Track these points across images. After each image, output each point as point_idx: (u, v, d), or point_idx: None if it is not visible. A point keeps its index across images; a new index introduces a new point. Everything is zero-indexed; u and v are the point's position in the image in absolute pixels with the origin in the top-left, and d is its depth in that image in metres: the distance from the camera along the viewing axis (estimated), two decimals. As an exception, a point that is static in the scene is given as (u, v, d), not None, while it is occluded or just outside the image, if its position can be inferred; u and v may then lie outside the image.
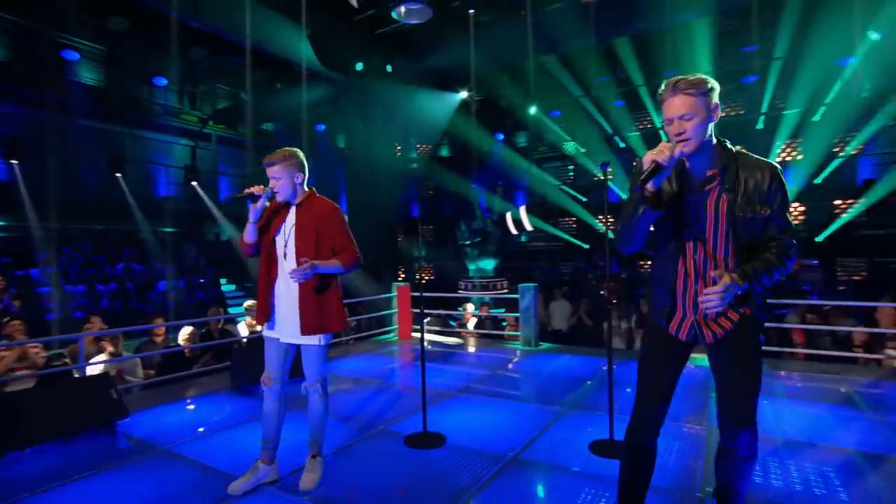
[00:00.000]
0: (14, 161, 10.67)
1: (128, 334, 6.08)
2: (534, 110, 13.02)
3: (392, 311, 7.41)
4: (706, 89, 1.65)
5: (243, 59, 11.37)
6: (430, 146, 16.10)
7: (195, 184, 13.70)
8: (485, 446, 3.10)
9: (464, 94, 12.49)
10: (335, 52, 8.94)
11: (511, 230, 15.86)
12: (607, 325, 3.22)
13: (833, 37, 8.91)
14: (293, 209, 2.60)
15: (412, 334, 7.27)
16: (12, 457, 3.08)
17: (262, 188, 2.54)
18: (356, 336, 7.30)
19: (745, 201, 1.68)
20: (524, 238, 16.22)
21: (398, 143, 13.42)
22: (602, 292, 10.76)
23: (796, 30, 9.45)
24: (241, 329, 6.32)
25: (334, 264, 2.50)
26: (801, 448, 2.95)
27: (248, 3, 7.89)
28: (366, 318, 7.71)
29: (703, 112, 1.65)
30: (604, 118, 13.67)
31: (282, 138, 15.57)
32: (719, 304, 1.62)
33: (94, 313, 6.53)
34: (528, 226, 15.40)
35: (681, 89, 1.65)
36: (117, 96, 12.85)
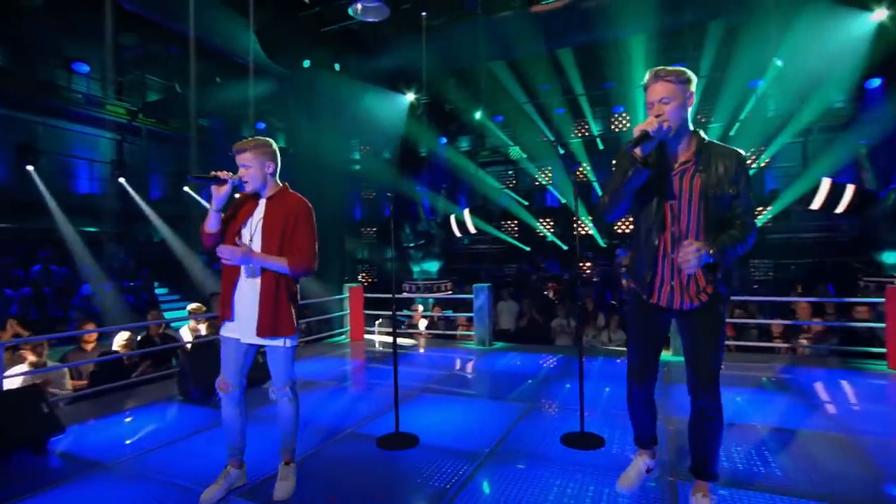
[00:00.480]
0: None
1: (51, 342, 5.47)
2: (479, 115, 13.20)
3: (343, 312, 7.21)
4: (684, 78, 1.89)
5: (178, 49, 10.68)
6: (374, 147, 15.87)
7: (123, 180, 12.62)
8: (458, 444, 3.07)
9: (410, 96, 12.42)
10: (282, 48, 8.57)
11: (455, 232, 15.99)
12: (577, 325, 3.29)
13: (747, 60, 9.73)
14: (263, 202, 2.43)
15: (364, 336, 7.12)
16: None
17: (230, 174, 2.37)
18: (306, 339, 7.03)
19: (716, 181, 1.92)
20: (466, 241, 16.39)
21: (344, 143, 13.10)
22: (546, 292, 11.10)
23: (718, 51, 10.26)
24: (185, 334, 5.88)
25: (278, 262, 2.32)
26: (735, 429, 3.15)
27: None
28: (315, 320, 7.45)
29: (679, 97, 1.89)
30: (546, 125, 14.12)
31: (218, 135, 14.74)
32: (694, 263, 1.84)
33: (10, 317, 5.83)
34: (471, 228, 15.58)
35: (661, 77, 1.89)
36: (27, 80, 11.55)
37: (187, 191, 13.50)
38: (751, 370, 4.70)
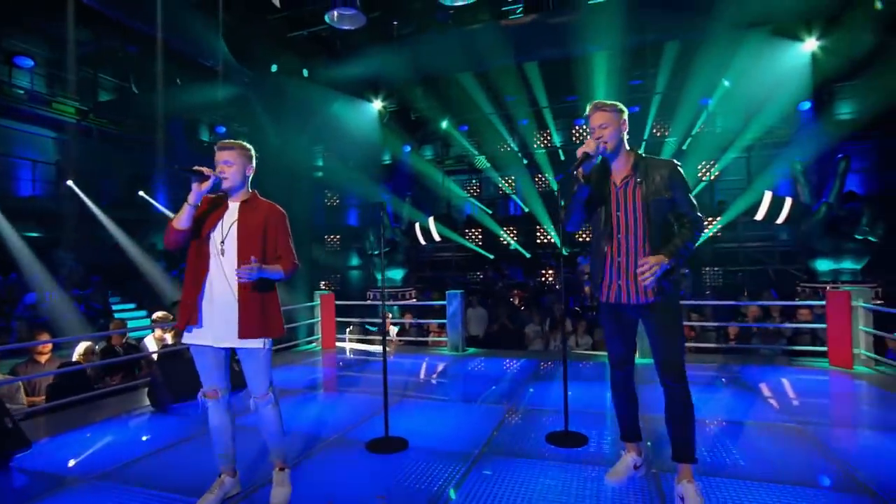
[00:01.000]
0: None
1: None
2: (445, 124, 13.37)
3: (314, 320, 7.12)
4: (617, 109, 2.29)
5: (136, 47, 10.28)
6: (339, 154, 15.74)
7: (71, 183, 11.94)
8: (448, 446, 3.13)
9: (377, 104, 12.45)
10: (250, 51, 8.42)
11: (420, 240, 16.04)
12: (561, 332, 3.44)
13: (699, 79, 10.39)
14: (235, 206, 2.40)
15: (336, 343, 7.06)
16: None
17: (212, 171, 2.33)
18: (275, 347, 6.88)
19: (654, 189, 2.25)
20: (429, 248, 16.47)
21: (308, 149, 12.95)
22: (511, 299, 11.32)
23: (672, 70, 10.90)
24: (149, 343, 5.65)
25: (277, 270, 2.35)
26: (699, 424, 3.38)
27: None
28: (286, 328, 7.31)
29: (615, 123, 2.27)
30: (510, 135, 14.48)
31: (177, 138, 14.20)
32: (651, 279, 2.15)
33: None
34: (436, 236, 15.69)
35: (599, 108, 2.30)
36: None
37: (142, 195, 12.93)
38: (708, 370, 5.01)
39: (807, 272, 11.15)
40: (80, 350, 5.09)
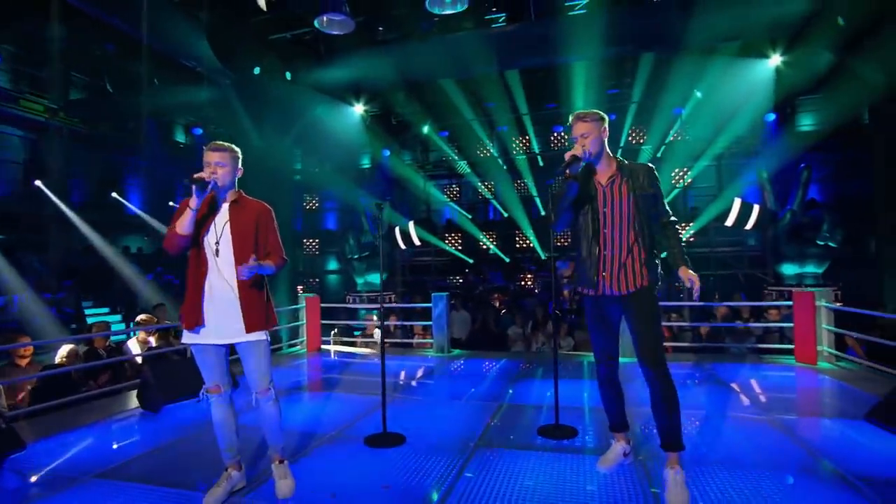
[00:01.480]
0: None
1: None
2: (426, 128, 13.52)
3: (300, 322, 7.15)
4: (597, 118, 2.49)
5: (113, 46, 10.11)
6: (319, 157, 15.73)
7: (40, 183, 11.60)
8: (444, 441, 3.26)
9: (359, 108, 12.52)
10: (233, 53, 8.40)
11: (400, 244, 16.12)
12: (553, 333, 3.61)
13: (673, 89, 10.85)
14: (225, 206, 2.49)
15: (321, 346, 7.10)
16: None
17: (207, 175, 2.38)
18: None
19: (639, 185, 2.50)
20: (408, 252, 16.55)
21: (289, 153, 12.92)
22: (493, 302, 11.51)
23: (648, 81, 11.34)
24: (133, 346, 5.60)
25: (270, 265, 2.45)
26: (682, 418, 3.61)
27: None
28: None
29: (595, 132, 2.47)
30: (490, 141, 14.74)
31: (152, 140, 13.94)
32: (698, 285, 2.44)
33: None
34: (416, 240, 15.80)
35: (581, 118, 2.49)
36: None
37: (115, 196, 12.67)
38: (684, 367, 5.28)
39: (773, 276, 11.73)
40: (62, 353, 5.01)
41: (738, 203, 12.11)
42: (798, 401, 4.28)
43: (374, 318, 8.68)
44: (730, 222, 12.12)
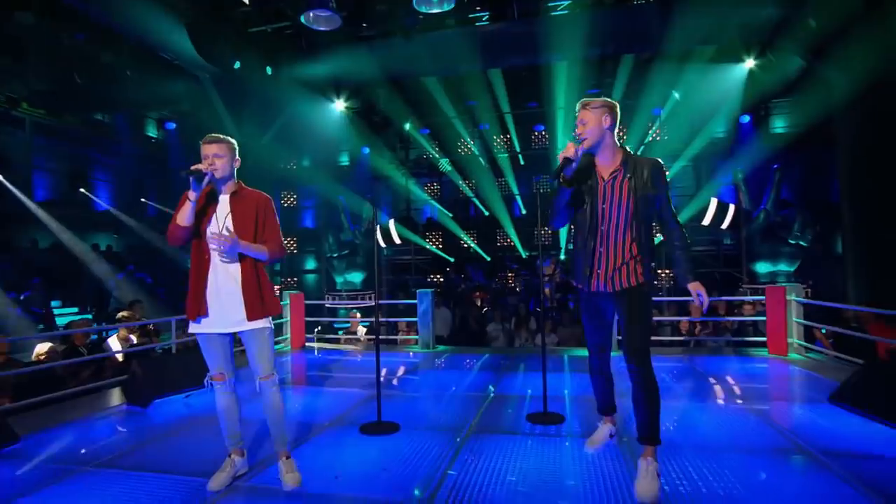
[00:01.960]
0: None
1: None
2: (408, 125, 13.65)
3: (283, 320, 7.21)
4: (600, 105, 2.43)
5: (84, 35, 9.93)
6: (299, 153, 15.68)
7: (1, 177, 11.30)
8: (438, 428, 3.44)
9: (340, 104, 12.57)
10: (213, 45, 8.37)
11: (380, 243, 16.20)
12: (541, 328, 3.82)
13: (652, 90, 11.25)
14: (225, 198, 2.58)
15: (305, 343, 7.19)
16: None
17: (205, 166, 2.47)
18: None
19: (642, 184, 2.40)
20: (386, 252, 16.62)
21: (268, 148, 12.86)
22: (475, 300, 11.73)
23: (628, 81, 11.71)
24: (113, 344, 5.60)
25: (260, 249, 2.54)
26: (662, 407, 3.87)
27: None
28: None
29: (595, 120, 2.40)
30: (472, 139, 14.96)
31: (123, 134, 13.70)
32: (703, 299, 2.42)
33: None
34: (396, 239, 15.90)
35: (583, 105, 2.46)
36: None
37: (84, 192, 12.42)
38: (664, 360, 5.57)
39: (748, 274, 12.27)
40: (40, 350, 5.00)
41: (714, 203, 12.62)
42: (770, 389, 4.60)
43: (358, 315, 8.80)
44: (706, 221, 12.63)
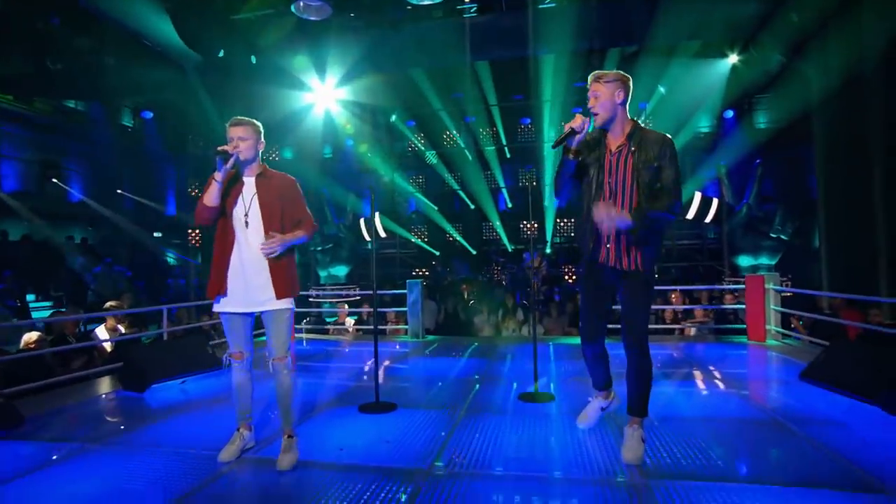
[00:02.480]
0: None
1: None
2: (394, 117, 13.81)
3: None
4: (610, 79, 2.49)
5: (59, 19, 9.87)
6: (280, 145, 15.72)
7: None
8: (433, 407, 3.68)
9: (327, 95, 12.65)
10: (197, 33, 8.41)
11: (364, 236, 16.33)
12: (532, 316, 4.08)
13: (637, 84, 11.60)
14: (251, 180, 2.72)
15: (294, 335, 7.35)
16: None
17: (230, 148, 2.62)
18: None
19: (645, 158, 2.44)
20: (369, 245, 16.77)
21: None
22: (461, 292, 11.99)
23: (614, 75, 12.05)
24: (101, 333, 5.70)
25: (298, 235, 2.71)
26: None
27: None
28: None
29: (608, 95, 2.47)
30: (458, 131, 15.20)
31: (98, 123, 13.55)
32: (607, 220, 2.37)
33: None
34: (381, 232, 16.06)
35: (596, 77, 2.52)
36: None
37: (56, 182, 12.30)
38: (651, 348, 5.88)
39: (730, 268, 12.78)
40: (29, 339, 5.08)
41: (698, 197, 13.10)
42: (748, 371, 4.95)
43: (346, 307, 8.99)
44: (690, 215, 13.10)
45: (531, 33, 9.31)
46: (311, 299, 12.80)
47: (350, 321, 8.63)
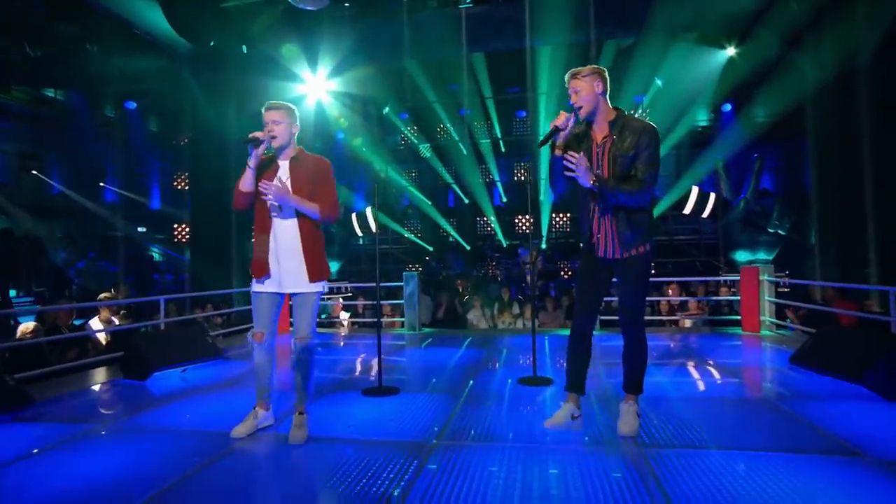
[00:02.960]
0: None
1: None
2: (387, 110, 13.98)
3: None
4: (587, 73, 2.62)
5: (44, 6, 9.93)
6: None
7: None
8: (435, 392, 3.90)
9: (318, 86, 12.78)
10: (188, 21, 8.52)
11: (356, 231, 16.49)
12: (532, 304, 4.31)
13: (634, 77, 11.89)
14: (285, 163, 2.87)
15: (290, 328, 7.53)
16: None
17: (264, 133, 2.80)
18: (224, 332, 7.24)
19: (621, 146, 2.59)
20: (360, 241, 16.90)
21: (240, 131, 13.00)
22: (456, 288, 12.22)
23: (610, 67, 12.31)
24: (95, 325, 5.86)
25: (312, 207, 2.79)
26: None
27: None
28: (236, 311, 7.66)
29: (588, 88, 2.60)
30: (452, 124, 15.40)
31: (79, 113, 13.57)
32: (577, 169, 2.50)
33: None
34: (373, 227, 16.21)
35: (574, 74, 2.65)
36: None
37: (36, 174, 12.33)
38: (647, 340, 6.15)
39: (727, 263, 13.12)
40: (25, 329, 5.22)
41: (695, 191, 13.41)
42: (741, 359, 5.22)
43: (341, 300, 9.18)
44: (687, 210, 13.41)
45: (527, 24, 9.55)
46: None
47: (345, 315, 8.82)
